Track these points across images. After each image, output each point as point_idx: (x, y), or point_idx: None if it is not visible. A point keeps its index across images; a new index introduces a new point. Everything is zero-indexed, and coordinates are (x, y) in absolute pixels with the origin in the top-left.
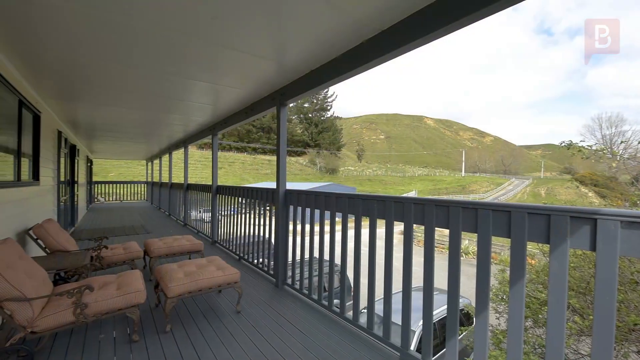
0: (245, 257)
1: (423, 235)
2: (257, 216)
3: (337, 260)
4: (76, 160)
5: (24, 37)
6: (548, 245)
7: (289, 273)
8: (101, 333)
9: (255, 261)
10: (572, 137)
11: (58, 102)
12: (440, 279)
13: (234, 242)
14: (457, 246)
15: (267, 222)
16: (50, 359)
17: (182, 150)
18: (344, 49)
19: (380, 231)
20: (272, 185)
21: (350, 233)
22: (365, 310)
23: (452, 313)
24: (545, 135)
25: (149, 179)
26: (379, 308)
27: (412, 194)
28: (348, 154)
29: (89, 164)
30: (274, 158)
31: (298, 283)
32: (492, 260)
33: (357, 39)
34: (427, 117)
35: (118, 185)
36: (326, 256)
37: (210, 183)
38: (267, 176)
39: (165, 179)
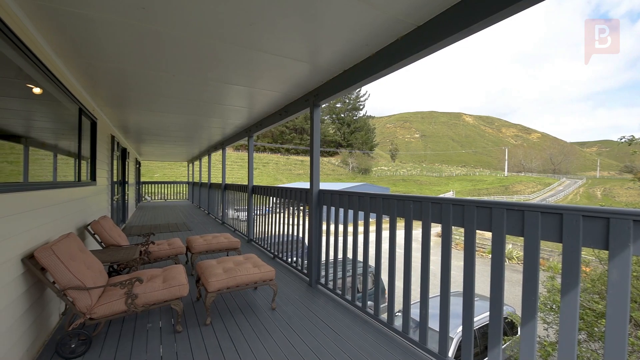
0: (280, 255)
1: (462, 237)
2: (290, 216)
3: (371, 262)
4: (127, 162)
5: (84, 51)
6: (606, 252)
7: (322, 272)
8: (149, 322)
9: (289, 260)
10: (634, 132)
11: (111, 109)
12: (481, 285)
13: (269, 240)
14: (500, 250)
15: (301, 222)
16: (105, 343)
17: (220, 152)
18: (377, 47)
19: (416, 233)
20: (306, 185)
21: (385, 234)
22: (400, 314)
23: (495, 321)
24: (602, 130)
25: (190, 179)
26: (414, 312)
27: (450, 194)
28: (381, 154)
29: (137, 166)
30: (307, 158)
31: (331, 283)
32: (540, 266)
33: (391, 36)
34: (465, 114)
35: (162, 185)
36: (360, 257)
37: (246, 183)
38: (300, 176)
39: (204, 179)
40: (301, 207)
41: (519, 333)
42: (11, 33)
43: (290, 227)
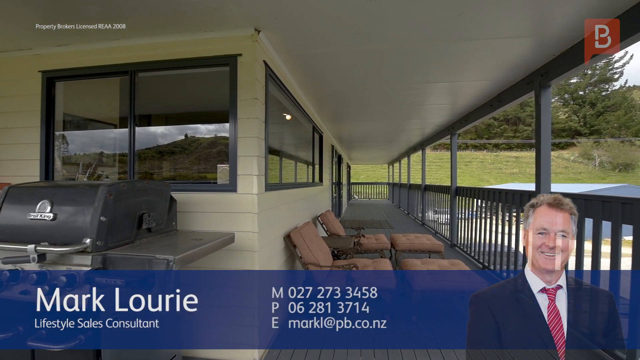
0: (491, 267)
1: None
2: (506, 223)
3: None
4: (341, 166)
5: (314, 81)
6: None
7: None
8: None
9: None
10: None
11: (331, 124)
12: None
13: (476, 248)
14: None
15: (521, 231)
16: None
17: (418, 153)
18: None
19: None
20: (523, 187)
21: None
22: None
23: None
24: None
25: (390, 180)
26: None
27: None
28: None
29: (348, 169)
30: (522, 154)
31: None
32: None
33: None
34: None
35: (367, 185)
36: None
37: (446, 184)
38: (514, 176)
39: (404, 180)
40: (521, 213)
41: None
42: (278, 80)
43: (505, 236)
